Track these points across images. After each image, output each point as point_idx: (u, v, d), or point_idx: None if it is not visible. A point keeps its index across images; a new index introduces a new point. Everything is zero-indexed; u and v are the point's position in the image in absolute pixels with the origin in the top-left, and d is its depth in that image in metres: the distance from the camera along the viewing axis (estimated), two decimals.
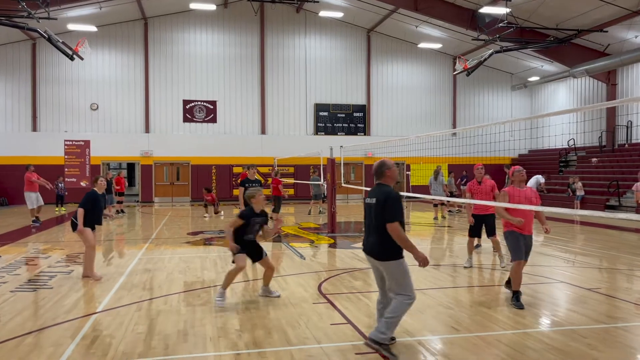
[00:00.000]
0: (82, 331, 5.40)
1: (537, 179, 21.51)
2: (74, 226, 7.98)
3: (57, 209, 20.32)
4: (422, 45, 27.67)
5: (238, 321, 5.73)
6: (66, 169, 24.89)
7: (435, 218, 17.42)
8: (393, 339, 4.92)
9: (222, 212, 19.29)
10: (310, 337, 5.15)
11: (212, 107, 26.68)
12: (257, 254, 6.69)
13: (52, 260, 9.68)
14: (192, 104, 26.52)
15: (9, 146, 24.17)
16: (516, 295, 6.30)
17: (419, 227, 16.07)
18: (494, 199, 8.62)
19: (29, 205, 15.90)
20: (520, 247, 6.28)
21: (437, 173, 17.27)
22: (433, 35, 26.72)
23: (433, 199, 16.48)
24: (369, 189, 16.37)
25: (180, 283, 7.72)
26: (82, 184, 24.73)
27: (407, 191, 26.71)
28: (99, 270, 8.64)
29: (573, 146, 25.93)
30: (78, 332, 5.36)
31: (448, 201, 17.29)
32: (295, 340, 5.08)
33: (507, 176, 19.56)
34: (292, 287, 7.33)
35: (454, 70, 26.76)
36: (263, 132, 27.27)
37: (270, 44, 27.35)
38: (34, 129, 24.99)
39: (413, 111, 29.06)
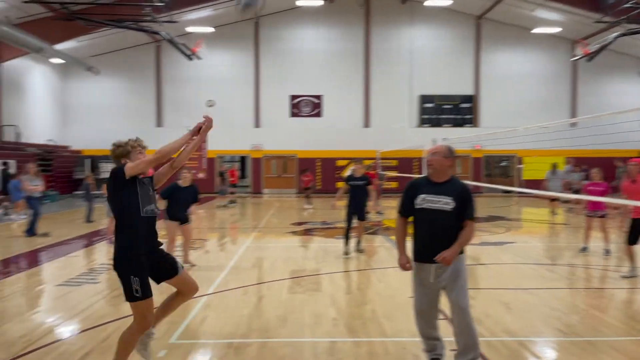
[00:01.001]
0: (194, 311, 5.87)
1: None
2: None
3: None
4: (537, 30, 25.92)
5: (335, 310, 5.88)
6: (186, 162, 26.86)
7: (556, 214, 16.34)
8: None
9: (312, 205, 19.02)
10: (405, 330, 5.14)
11: (317, 101, 27.25)
12: (164, 269, 3.88)
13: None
14: (299, 98, 27.28)
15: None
16: None
17: (531, 224, 15.23)
18: None
19: None
20: None
21: (554, 167, 16.22)
22: (549, 19, 24.93)
23: (545, 194, 15.46)
24: (475, 183, 15.77)
25: (282, 271, 8.06)
26: (200, 175, 26.53)
27: (520, 186, 25.30)
28: (210, 255, 9.29)
29: None
30: (190, 312, 5.83)
31: (570, 199, 16.12)
32: (390, 332, 5.12)
33: (616, 171, 17.83)
34: (389, 280, 7.34)
35: (573, 56, 24.80)
36: (367, 125, 27.32)
37: (375, 37, 27.27)
38: (159, 124, 27.29)
39: (526, 101, 27.36)
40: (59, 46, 21.83)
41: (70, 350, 4.65)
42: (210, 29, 24.90)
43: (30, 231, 11.46)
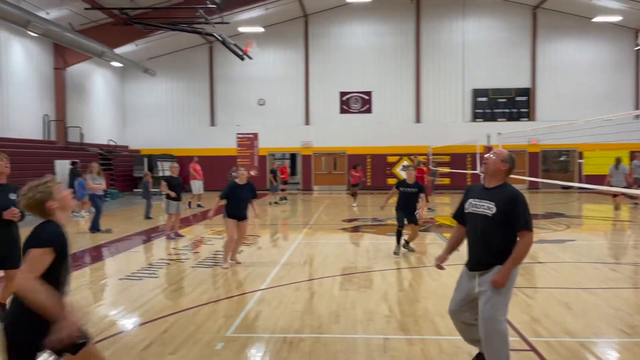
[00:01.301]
0: (248, 305, 6.01)
1: None
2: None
3: None
4: (597, 19, 24.73)
5: (387, 307, 5.87)
6: (238, 160, 27.42)
7: (619, 210, 15.55)
8: None
9: (356, 203, 18.61)
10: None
11: (367, 97, 27.13)
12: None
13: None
14: (349, 95, 27.24)
15: (194, 138, 27.39)
16: None
17: (593, 221, 14.61)
18: None
19: (194, 191, 18.07)
20: None
21: (618, 161, 15.39)
22: (610, 7, 23.72)
23: (607, 190, 14.76)
24: (532, 178, 15.36)
25: (334, 267, 8.11)
26: (252, 172, 27.04)
27: (580, 181, 24.29)
28: (263, 251, 9.45)
29: None
30: (245, 306, 5.98)
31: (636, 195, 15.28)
32: (443, 331, 5.06)
33: None
34: (442, 278, 7.23)
35: (636, 45, 23.51)
36: (417, 120, 26.95)
37: (426, 31, 26.83)
38: (212, 123, 27.98)
39: (586, 92, 26.19)
40: (119, 50, 22.77)
41: (133, 341, 4.87)
42: (261, 29, 25.25)
43: (94, 227, 12.04)
